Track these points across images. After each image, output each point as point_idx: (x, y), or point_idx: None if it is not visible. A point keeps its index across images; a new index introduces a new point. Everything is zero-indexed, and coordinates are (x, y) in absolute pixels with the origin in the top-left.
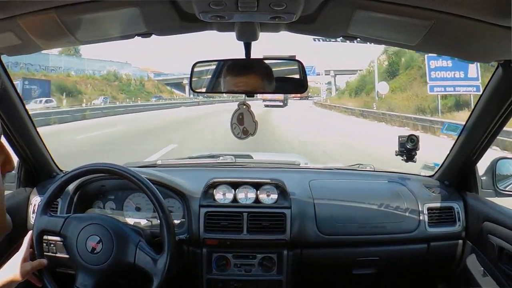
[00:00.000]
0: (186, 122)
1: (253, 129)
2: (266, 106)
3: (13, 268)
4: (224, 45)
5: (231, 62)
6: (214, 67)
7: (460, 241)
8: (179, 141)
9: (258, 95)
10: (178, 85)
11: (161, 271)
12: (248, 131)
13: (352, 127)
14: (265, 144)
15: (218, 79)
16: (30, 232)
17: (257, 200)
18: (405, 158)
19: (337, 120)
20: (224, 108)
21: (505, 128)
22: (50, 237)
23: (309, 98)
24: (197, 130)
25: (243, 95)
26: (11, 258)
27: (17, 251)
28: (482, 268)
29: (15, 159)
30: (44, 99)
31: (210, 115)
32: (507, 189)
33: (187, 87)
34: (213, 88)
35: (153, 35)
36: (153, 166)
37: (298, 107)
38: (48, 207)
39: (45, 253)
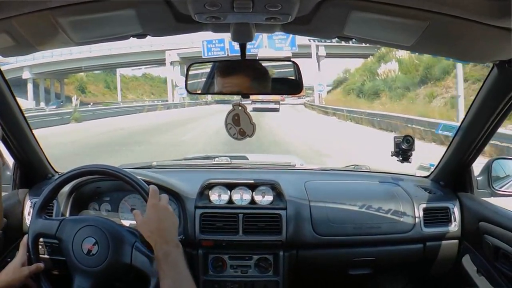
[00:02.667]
0: None
1: (251, 130)
2: (255, 109)
3: (11, 273)
4: None
5: (226, 62)
6: (210, 68)
7: (456, 241)
8: None
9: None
10: (16, 83)
11: (158, 271)
12: (246, 132)
13: None
14: None
15: (213, 80)
16: (25, 236)
17: (252, 201)
18: (400, 158)
19: None
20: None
21: None
22: (46, 240)
23: (302, 97)
24: None
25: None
26: (9, 263)
27: (13, 253)
28: (478, 268)
29: (10, 160)
30: None
31: None
32: (502, 189)
33: (30, 87)
34: (208, 89)
35: (148, 36)
36: (149, 167)
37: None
38: (42, 210)
39: (41, 256)
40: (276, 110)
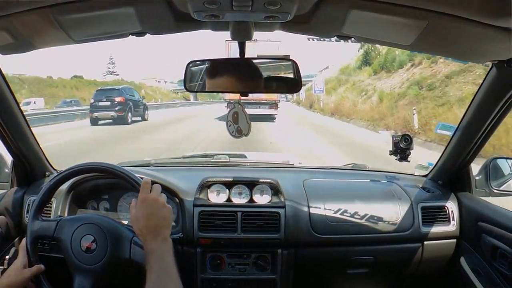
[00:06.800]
0: None
1: (247, 130)
2: None
3: (13, 275)
4: None
5: (225, 61)
6: (208, 66)
7: (454, 241)
8: None
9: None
10: None
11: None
12: (242, 131)
13: None
14: None
15: (212, 78)
16: (24, 239)
17: (251, 200)
18: (398, 157)
19: None
20: None
21: None
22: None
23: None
24: None
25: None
26: (11, 266)
27: (12, 250)
28: (476, 268)
29: (9, 158)
30: None
31: None
32: (501, 188)
33: None
34: (206, 87)
35: (147, 34)
36: (147, 165)
37: None
38: (39, 211)
39: (40, 253)
40: (272, 118)
